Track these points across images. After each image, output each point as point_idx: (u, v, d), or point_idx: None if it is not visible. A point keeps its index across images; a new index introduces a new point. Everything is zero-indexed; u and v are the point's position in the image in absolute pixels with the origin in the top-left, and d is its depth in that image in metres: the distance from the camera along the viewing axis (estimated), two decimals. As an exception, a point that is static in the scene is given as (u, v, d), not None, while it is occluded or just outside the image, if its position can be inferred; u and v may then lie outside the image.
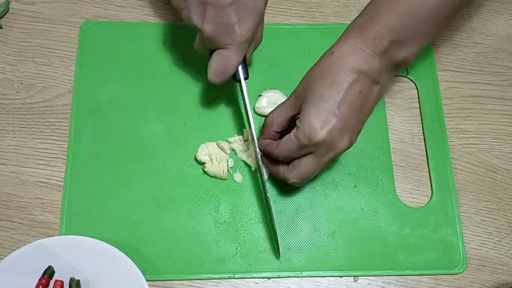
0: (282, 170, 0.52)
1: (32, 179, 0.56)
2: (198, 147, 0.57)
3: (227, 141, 0.59)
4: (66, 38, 0.63)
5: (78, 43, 0.62)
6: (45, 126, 0.59)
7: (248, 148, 0.58)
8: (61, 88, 0.61)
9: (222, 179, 0.57)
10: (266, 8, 0.65)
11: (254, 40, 0.53)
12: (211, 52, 0.53)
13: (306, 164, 0.50)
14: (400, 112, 0.62)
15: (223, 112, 0.60)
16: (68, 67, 0.61)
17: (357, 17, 0.50)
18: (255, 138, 0.54)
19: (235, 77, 0.54)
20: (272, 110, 0.53)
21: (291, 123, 0.52)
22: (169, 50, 0.63)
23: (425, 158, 0.60)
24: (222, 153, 0.58)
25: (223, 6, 0.49)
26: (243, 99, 0.55)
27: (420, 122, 0.62)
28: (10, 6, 0.64)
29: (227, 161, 0.57)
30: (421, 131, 0.61)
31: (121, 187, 0.56)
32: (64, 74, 0.61)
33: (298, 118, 0.49)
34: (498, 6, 0.69)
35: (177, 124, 0.59)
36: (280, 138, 0.52)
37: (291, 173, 0.51)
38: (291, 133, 0.49)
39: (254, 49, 0.55)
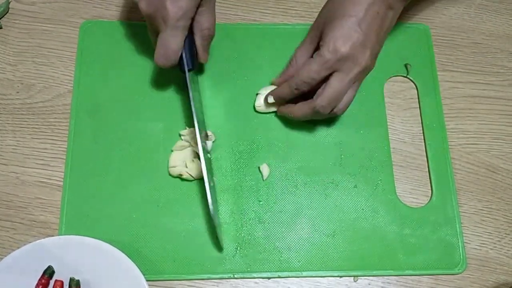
0: (307, 104, 0.53)
1: (32, 179, 0.56)
2: (168, 163, 0.57)
3: (179, 135, 0.58)
4: (66, 38, 0.63)
5: (78, 43, 0.62)
6: (45, 126, 0.59)
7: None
8: (61, 88, 0.61)
9: (201, 178, 0.56)
10: (267, 8, 0.66)
11: (200, 30, 0.54)
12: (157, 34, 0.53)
13: (333, 83, 0.51)
14: (400, 112, 0.62)
15: (223, 112, 0.60)
16: (68, 67, 0.61)
17: None
18: (198, 135, 0.53)
19: (181, 67, 0.54)
20: (294, 52, 0.56)
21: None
22: (169, 50, 0.63)
23: (425, 158, 0.60)
24: (189, 152, 0.57)
25: None
26: (187, 91, 0.54)
27: (420, 122, 0.62)
28: (10, 6, 0.64)
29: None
30: (421, 131, 0.61)
31: (121, 187, 0.56)
32: (64, 74, 0.61)
33: (320, 42, 0.51)
34: (498, 6, 0.69)
35: (177, 124, 0.59)
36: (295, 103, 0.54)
37: (318, 98, 0.52)
38: (315, 54, 0.52)
39: (206, 41, 0.55)
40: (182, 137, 0.58)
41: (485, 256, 0.56)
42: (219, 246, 0.54)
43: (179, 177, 0.57)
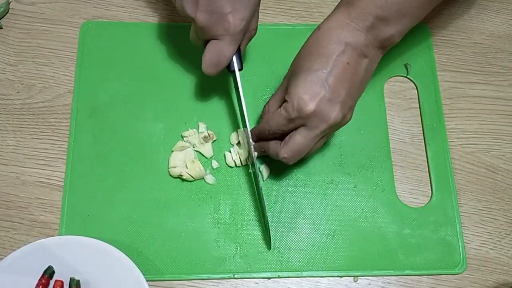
0: (275, 146, 0.52)
1: (32, 179, 0.56)
2: (168, 163, 0.57)
3: (181, 136, 0.58)
4: (66, 38, 0.63)
5: (78, 43, 0.63)
6: (45, 126, 0.59)
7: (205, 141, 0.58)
8: (61, 89, 0.61)
9: (202, 178, 0.57)
10: (267, 8, 0.66)
11: (248, 31, 0.53)
12: (206, 43, 0.52)
13: (297, 138, 0.49)
14: (400, 112, 0.62)
15: (223, 111, 0.60)
16: (68, 67, 0.62)
17: None
18: (249, 131, 0.54)
19: (229, 68, 0.54)
20: (269, 99, 0.55)
21: None
22: (169, 50, 0.63)
23: (425, 158, 0.60)
24: (189, 153, 0.57)
25: None
26: (237, 91, 0.54)
27: (420, 122, 0.62)
28: (10, 6, 0.64)
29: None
30: (421, 131, 0.61)
31: (121, 187, 0.56)
32: (64, 75, 0.61)
33: (286, 96, 0.49)
34: (498, 6, 0.69)
35: (177, 124, 0.59)
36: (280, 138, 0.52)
37: (283, 148, 0.50)
38: (281, 106, 0.49)
39: (249, 40, 0.55)
40: (184, 138, 0.58)
41: (485, 256, 0.56)
42: (268, 244, 0.55)
43: (180, 177, 0.57)
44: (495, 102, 0.63)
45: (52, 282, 0.50)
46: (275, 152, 0.52)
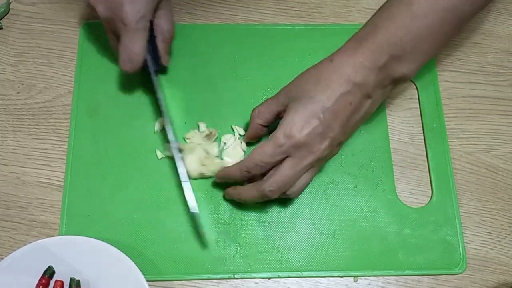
0: (255, 186, 0.50)
1: (32, 179, 0.57)
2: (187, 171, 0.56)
3: (183, 138, 0.58)
4: (67, 39, 0.63)
5: (78, 43, 0.63)
6: (45, 126, 0.59)
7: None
8: (61, 89, 0.61)
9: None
10: (267, 8, 0.66)
11: (160, 32, 0.54)
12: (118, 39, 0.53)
13: (284, 169, 0.48)
14: (400, 112, 0.62)
15: (223, 111, 0.60)
16: (68, 67, 0.62)
17: (360, 28, 0.50)
18: (171, 134, 0.54)
19: (145, 69, 0.54)
20: (258, 105, 0.54)
21: (275, 120, 0.52)
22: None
23: (425, 158, 0.60)
24: (200, 151, 0.57)
25: None
26: (155, 92, 0.55)
27: (420, 122, 0.62)
28: (10, 7, 0.64)
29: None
30: (421, 131, 0.61)
31: (121, 187, 0.56)
32: (64, 75, 0.61)
33: (281, 117, 0.49)
34: (498, 6, 0.69)
35: (177, 124, 0.59)
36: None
37: (267, 182, 0.49)
38: (270, 136, 0.49)
39: (166, 43, 0.55)
40: (187, 140, 0.58)
41: (485, 256, 0.56)
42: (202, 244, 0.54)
43: (202, 177, 0.56)
44: (495, 102, 0.63)
45: (52, 282, 0.50)
46: (254, 192, 0.50)
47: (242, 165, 0.50)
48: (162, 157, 0.58)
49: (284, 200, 0.57)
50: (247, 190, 0.51)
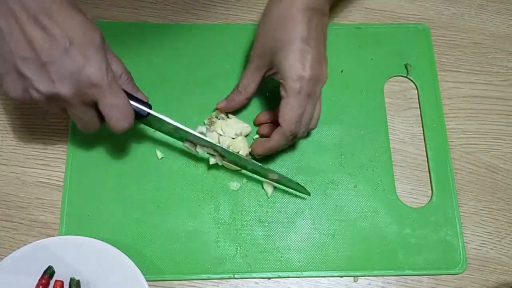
0: (277, 133, 0.52)
1: (32, 179, 0.56)
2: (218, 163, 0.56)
3: (190, 138, 0.57)
4: (66, 38, 0.63)
5: (78, 43, 0.62)
6: (45, 126, 0.59)
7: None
8: (61, 88, 0.61)
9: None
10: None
11: (120, 79, 0.50)
12: (97, 110, 0.47)
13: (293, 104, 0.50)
14: (400, 112, 0.62)
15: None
16: (68, 67, 0.61)
17: None
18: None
19: (140, 115, 0.50)
20: (240, 79, 0.56)
21: (259, 86, 0.56)
22: (169, 50, 0.63)
23: (425, 158, 0.60)
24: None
25: (60, 57, 0.42)
26: (166, 126, 0.53)
27: (420, 122, 0.62)
28: (10, 6, 0.64)
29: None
30: (421, 131, 0.61)
31: (121, 187, 0.56)
32: (64, 75, 0.61)
33: (277, 74, 0.51)
34: (498, 6, 0.69)
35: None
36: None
37: (283, 121, 0.50)
38: (281, 93, 0.50)
39: (131, 83, 0.52)
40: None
41: (485, 256, 0.56)
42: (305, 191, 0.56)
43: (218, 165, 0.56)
44: (495, 102, 0.63)
45: (52, 282, 0.50)
46: (280, 138, 0.51)
47: (286, 130, 0.51)
48: (162, 157, 0.58)
49: (284, 199, 0.57)
50: (275, 140, 0.52)
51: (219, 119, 0.58)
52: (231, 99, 0.57)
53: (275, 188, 0.57)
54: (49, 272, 0.49)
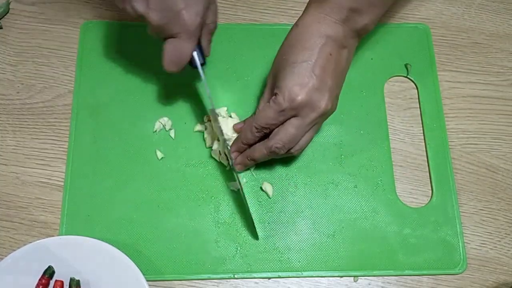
0: (262, 144, 0.52)
1: (32, 179, 0.56)
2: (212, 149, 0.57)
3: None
4: (66, 38, 0.63)
5: (78, 43, 0.63)
6: (45, 126, 0.59)
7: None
8: (61, 89, 0.61)
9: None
10: (267, 8, 0.66)
11: (205, 25, 0.52)
12: (164, 39, 0.51)
13: (289, 127, 0.50)
14: (400, 112, 0.62)
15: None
16: (68, 67, 0.62)
17: None
18: (220, 125, 0.54)
19: (191, 64, 0.52)
20: (260, 99, 0.54)
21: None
22: (169, 50, 0.63)
23: (425, 158, 0.60)
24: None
25: None
26: (203, 85, 0.54)
27: (420, 122, 0.62)
28: (10, 6, 0.64)
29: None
30: (421, 131, 0.61)
31: (121, 187, 0.56)
32: (64, 75, 0.61)
33: (275, 89, 0.50)
34: (498, 6, 0.69)
35: (177, 124, 0.59)
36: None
37: (273, 139, 0.51)
38: (270, 100, 0.50)
39: (210, 35, 0.54)
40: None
41: (485, 256, 0.56)
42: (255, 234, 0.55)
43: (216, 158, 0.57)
44: (495, 102, 0.63)
45: (52, 282, 0.50)
46: (265, 147, 0.52)
47: (251, 126, 0.52)
48: (162, 157, 0.58)
49: (284, 200, 0.57)
50: (256, 149, 0.53)
51: (223, 117, 0.58)
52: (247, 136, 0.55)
53: (275, 188, 0.57)
54: (49, 272, 0.49)
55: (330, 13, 0.49)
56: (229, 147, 0.55)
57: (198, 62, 0.52)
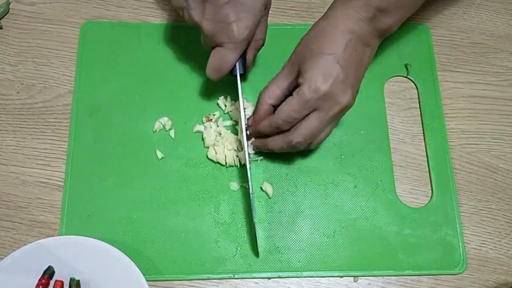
0: (282, 137, 0.52)
1: (32, 179, 0.56)
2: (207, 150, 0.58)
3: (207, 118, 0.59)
4: (66, 38, 0.63)
5: (78, 43, 0.63)
6: (45, 126, 0.59)
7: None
8: (61, 89, 0.61)
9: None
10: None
11: (254, 40, 0.55)
12: (212, 48, 0.54)
13: (311, 121, 0.50)
14: (400, 112, 0.62)
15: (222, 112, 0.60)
16: (68, 67, 0.62)
17: None
18: (245, 136, 0.55)
19: (231, 72, 0.55)
20: (266, 86, 0.54)
21: (287, 96, 0.52)
22: (169, 50, 0.63)
23: (425, 158, 0.60)
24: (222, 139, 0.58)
25: (221, 4, 0.51)
26: (237, 94, 0.56)
27: (420, 122, 0.62)
28: (10, 6, 0.64)
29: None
30: (421, 131, 0.61)
31: (121, 187, 0.56)
32: (64, 75, 0.61)
33: (299, 79, 0.50)
34: (498, 6, 0.69)
35: (177, 124, 0.59)
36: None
37: (294, 134, 0.51)
38: (294, 92, 0.50)
39: (256, 50, 0.57)
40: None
41: (485, 256, 0.56)
42: (256, 251, 0.54)
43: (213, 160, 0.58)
44: (495, 102, 0.63)
45: (52, 282, 0.50)
46: (285, 141, 0.52)
47: (272, 122, 0.52)
48: (162, 157, 0.58)
49: (284, 200, 0.57)
50: (275, 140, 0.53)
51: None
52: (257, 111, 0.55)
53: (275, 188, 0.57)
54: (49, 272, 0.49)
55: (359, 10, 0.50)
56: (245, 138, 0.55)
57: (238, 71, 0.55)
